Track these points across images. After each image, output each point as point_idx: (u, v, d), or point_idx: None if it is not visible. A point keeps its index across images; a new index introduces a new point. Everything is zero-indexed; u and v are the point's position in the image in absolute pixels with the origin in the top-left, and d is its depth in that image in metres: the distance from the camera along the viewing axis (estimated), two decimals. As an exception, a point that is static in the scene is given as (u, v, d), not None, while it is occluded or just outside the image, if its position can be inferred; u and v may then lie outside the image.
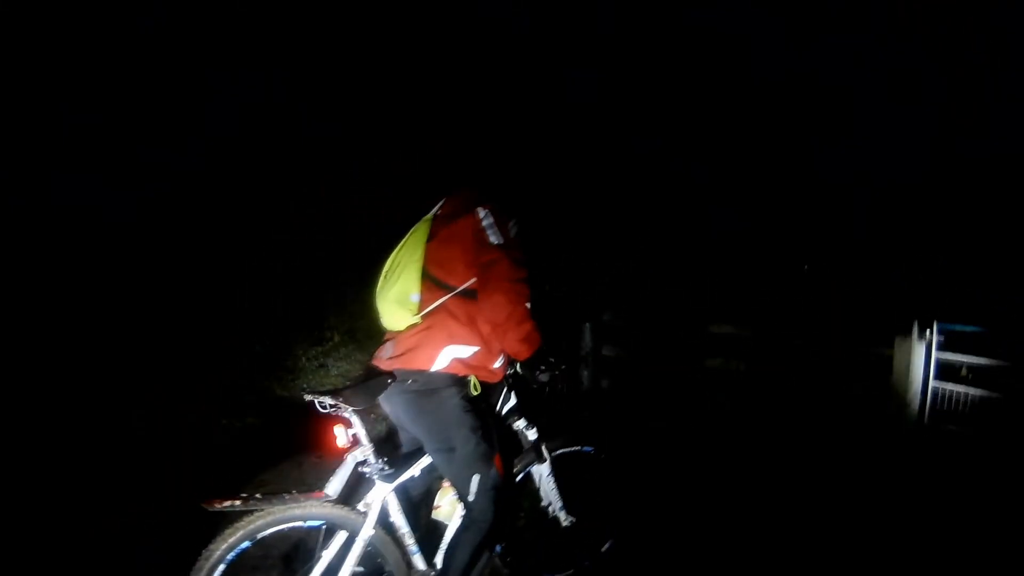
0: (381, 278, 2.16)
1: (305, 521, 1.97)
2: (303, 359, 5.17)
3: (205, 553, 1.86)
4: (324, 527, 2.00)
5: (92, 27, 5.57)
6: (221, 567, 1.88)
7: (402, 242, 2.16)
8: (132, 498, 3.06)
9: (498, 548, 2.40)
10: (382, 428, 2.25)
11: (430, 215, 2.16)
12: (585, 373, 4.31)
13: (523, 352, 1.99)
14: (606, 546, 2.62)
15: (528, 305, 1.94)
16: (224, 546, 1.87)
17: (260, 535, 1.92)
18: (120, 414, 3.92)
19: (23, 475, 3.13)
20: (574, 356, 4.31)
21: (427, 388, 2.01)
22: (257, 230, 6.05)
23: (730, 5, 5.69)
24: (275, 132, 6.45)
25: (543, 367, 2.07)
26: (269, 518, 1.92)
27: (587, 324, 4.29)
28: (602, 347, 4.34)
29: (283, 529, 1.93)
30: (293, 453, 3.56)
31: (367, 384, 2.03)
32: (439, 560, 2.12)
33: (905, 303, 4.39)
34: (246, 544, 1.92)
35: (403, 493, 2.10)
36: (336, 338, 5.52)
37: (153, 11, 5.89)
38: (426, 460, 2.13)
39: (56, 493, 3.05)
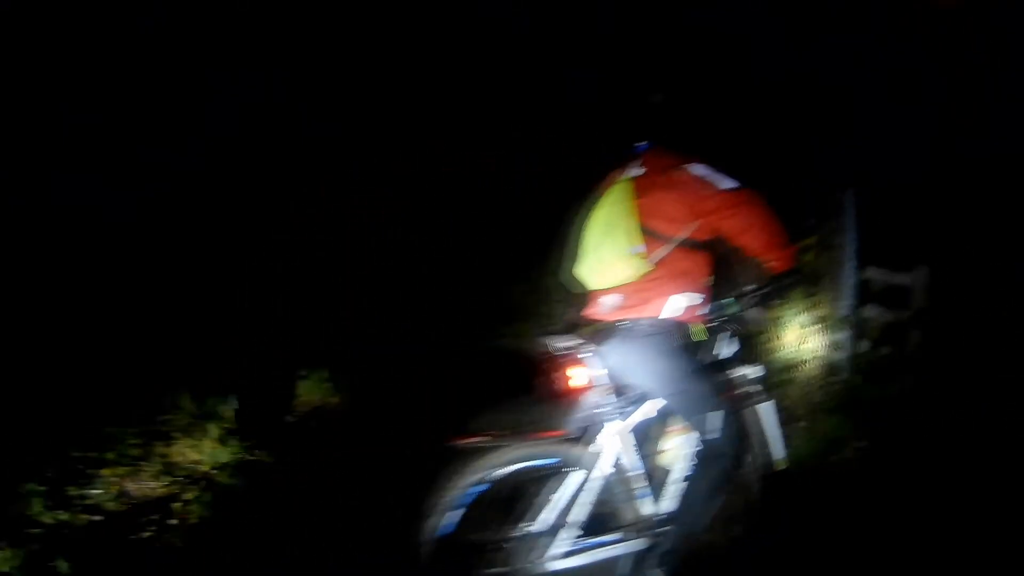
0: (578, 243, 2.20)
1: (544, 459, 1.97)
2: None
3: (444, 491, 1.86)
4: (561, 466, 1.99)
5: (92, 27, 5.57)
6: (461, 504, 1.89)
7: (595, 206, 2.19)
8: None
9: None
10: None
11: (627, 177, 2.20)
12: (913, 332, 3.41)
13: (785, 264, 2.14)
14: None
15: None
16: (464, 483, 1.87)
17: (497, 473, 1.90)
18: (119, 413, 3.92)
19: (24, 474, 3.14)
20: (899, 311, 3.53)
21: (655, 333, 2.06)
22: (257, 230, 6.06)
23: (730, 5, 5.68)
24: (275, 132, 6.45)
25: (754, 301, 2.14)
26: (512, 454, 1.90)
27: (923, 271, 3.41)
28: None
29: (522, 467, 1.93)
30: (512, 395, 3.43)
31: (604, 326, 2.08)
32: (664, 504, 2.14)
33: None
34: (485, 483, 1.91)
35: (633, 435, 2.14)
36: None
37: (153, 11, 5.90)
38: (658, 402, 2.16)
39: (57, 492, 3.05)
